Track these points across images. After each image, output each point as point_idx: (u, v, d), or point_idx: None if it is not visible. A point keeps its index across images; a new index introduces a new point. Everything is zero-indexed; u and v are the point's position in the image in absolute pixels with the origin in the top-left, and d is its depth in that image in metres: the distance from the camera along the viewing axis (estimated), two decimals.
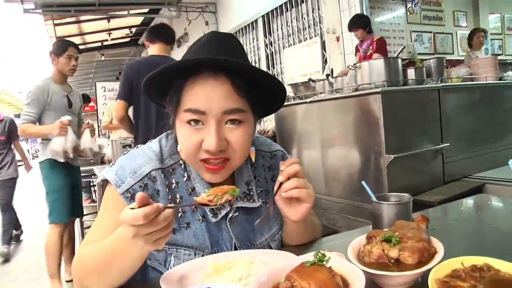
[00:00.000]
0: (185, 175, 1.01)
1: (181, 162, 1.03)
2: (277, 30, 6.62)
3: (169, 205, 0.90)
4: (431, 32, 5.78)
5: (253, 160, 1.08)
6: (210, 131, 0.87)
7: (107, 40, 9.65)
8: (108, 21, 8.60)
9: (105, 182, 0.99)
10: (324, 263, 0.68)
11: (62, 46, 3.36)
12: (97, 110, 9.07)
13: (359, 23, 4.34)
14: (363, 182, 1.09)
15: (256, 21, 7.13)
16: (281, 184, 0.92)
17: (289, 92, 4.71)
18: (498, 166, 3.21)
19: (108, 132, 7.26)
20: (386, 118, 2.93)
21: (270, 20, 6.77)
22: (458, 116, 3.34)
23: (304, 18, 5.82)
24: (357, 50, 4.60)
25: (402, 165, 2.99)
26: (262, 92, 0.95)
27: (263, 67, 7.14)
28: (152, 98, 1.03)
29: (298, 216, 0.94)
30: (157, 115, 3.00)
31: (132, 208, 0.70)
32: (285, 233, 1.10)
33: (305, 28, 5.85)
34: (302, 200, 0.92)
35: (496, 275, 0.70)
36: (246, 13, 7.24)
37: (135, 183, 0.96)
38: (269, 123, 5.38)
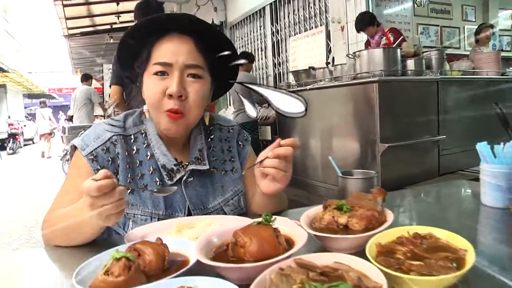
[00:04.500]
0: (145, 142, 1.11)
1: (142, 131, 1.12)
2: (284, 18, 6.60)
3: (125, 184, 1.03)
4: (438, 25, 5.73)
5: (207, 123, 1.19)
6: (174, 79, 1.01)
7: (116, 23, 9.66)
8: (117, 4, 8.61)
9: (73, 149, 1.09)
10: (270, 223, 0.72)
11: None
12: (103, 92, 9.15)
13: (366, 21, 4.31)
14: (330, 158, 1.13)
15: (263, 8, 7.10)
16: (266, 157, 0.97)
17: (291, 79, 4.73)
18: None
19: (114, 111, 7.45)
20: (382, 107, 2.94)
21: (277, 8, 6.74)
22: (456, 109, 3.34)
23: (311, 7, 5.79)
24: (368, 45, 4.55)
25: (397, 155, 3.01)
26: (221, 64, 1.10)
27: (269, 55, 7.14)
28: (124, 61, 1.14)
29: (268, 191, 1.01)
30: None
31: (94, 180, 0.76)
32: (254, 202, 1.17)
33: (311, 17, 5.83)
34: (276, 180, 0.98)
35: (435, 242, 0.73)
36: (255, 0, 7.22)
37: (98, 146, 1.06)
38: (269, 109, 5.40)
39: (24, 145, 17.70)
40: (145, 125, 1.13)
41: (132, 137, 1.10)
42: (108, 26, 10.35)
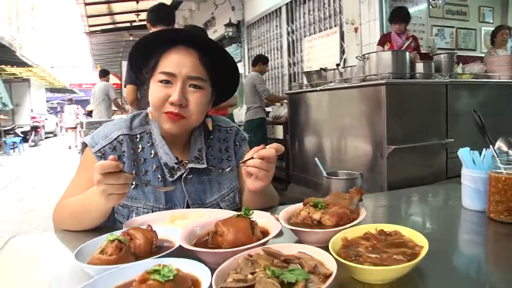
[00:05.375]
0: (150, 141, 1.21)
1: (147, 131, 1.23)
2: (299, 18, 6.67)
3: (133, 173, 1.13)
4: (454, 27, 5.69)
5: (210, 128, 1.30)
6: (176, 88, 1.10)
7: (135, 21, 9.88)
8: (137, 3, 8.80)
9: (84, 146, 1.21)
10: (248, 216, 0.81)
11: None
12: (121, 87, 9.36)
13: (406, 17, 4.35)
14: (316, 159, 1.21)
15: (280, 8, 7.18)
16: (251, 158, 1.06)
17: (304, 80, 4.81)
18: None
19: (131, 109, 7.68)
20: (390, 109, 2.99)
21: (293, 8, 6.81)
22: (466, 113, 3.34)
23: (326, 8, 5.85)
24: (385, 40, 4.55)
25: (403, 157, 3.05)
26: (222, 79, 1.22)
27: (285, 55, 7.21)
28: (134, 65, 1.26)
29: (253, 188, 1.09)
30: None
31: None
32: (244, 199, 1.26)
33: (326, 18, 5.89)
34: (259, 178, 1.07)
35: (398, 238, 0.81)
36: (271, 0, 7.29)
37: (106, 145, 1.16)
38: (282, 109, 5.49)
39: (45, 137, 18.18)
40: (150, 125, 1.23)
41: (138, 136, 1.21)
42: (128, 24, 10.60)
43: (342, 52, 5.44)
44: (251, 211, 0.82)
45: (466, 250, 0.96)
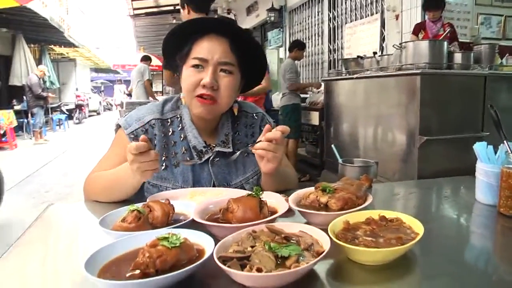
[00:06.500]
0: (180, 125, 1.30)
1: (178, 116, 1.31)
2: (341, 4, 6.56)
3: (160, 160, 1.21)
4: (502, 15, 5.40)
5: (235, 113, 1.37)
6: (208, 72, 1.18)
7: (178, 4, 10.01)
8: None
9: (118, 127, 1.31)
10: (258, 196, 0.88)
11: None
12: (163, 70, 9.59)
13: (441, 3, 4.22)
14: (332, 146, 1.25)
15: None
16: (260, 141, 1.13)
17: (341, 67, 4.77)
18: None
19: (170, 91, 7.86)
20: (424, 100, 2.95)
21: None
22: (504, 106, 3.24)
23: None
24: (420, 28, 4.43)
25: (436, 149, 3.01)
26: (251, 67, 1.29)
27: (325, 41, 7.14)
28: (167, 52, 1.32)
29: (265, 170, 1.15)
30: None
31: None
32: (262, 181, 1.31)
33: (367, 5, 5.77)
34: (268, 160, 1.13)
35: (398, 225, 0.85)
36: None
37: (139, 127, 1.26)
38: (319, 95, 5.49)
39: (89, 116, 18.95)
40: (180, 110, 1.32)
41: (169, 120, 1.30)
42: (171, 7, 10.74)
43: (383, 39, 5.33)
44: (261, 191, 0.89)
45: (472, 242, 0.98)
